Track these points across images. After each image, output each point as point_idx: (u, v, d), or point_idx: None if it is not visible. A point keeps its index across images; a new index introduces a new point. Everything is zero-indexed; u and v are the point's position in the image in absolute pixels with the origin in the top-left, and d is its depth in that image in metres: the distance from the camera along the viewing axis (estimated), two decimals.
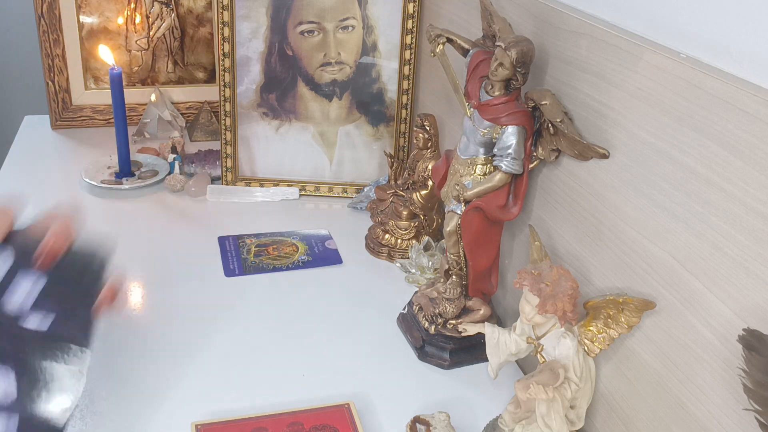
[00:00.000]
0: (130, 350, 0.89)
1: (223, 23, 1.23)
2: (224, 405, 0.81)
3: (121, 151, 1.30)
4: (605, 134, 0.72)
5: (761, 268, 0.54)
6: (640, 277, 0.69)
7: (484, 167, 0.83)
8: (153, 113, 1.49)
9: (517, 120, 0.79)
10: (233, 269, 1.07)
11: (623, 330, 0.69)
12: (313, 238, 1.17)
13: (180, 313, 0.97)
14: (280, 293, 1.03)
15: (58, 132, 1.52)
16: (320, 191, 1.31)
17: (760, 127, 0.53)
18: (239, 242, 1.14)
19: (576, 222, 0.79)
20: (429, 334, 0.91)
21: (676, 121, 0.62)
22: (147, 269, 1.07)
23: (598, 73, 0.73)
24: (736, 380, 0.55)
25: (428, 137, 1.08)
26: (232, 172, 1.31)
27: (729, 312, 0.57)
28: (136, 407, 0.80)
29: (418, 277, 1.06)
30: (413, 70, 1.26)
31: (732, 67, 0.58)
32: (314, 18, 1.24)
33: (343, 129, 1.31)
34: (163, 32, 1.52)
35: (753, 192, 0.54)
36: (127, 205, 1.25)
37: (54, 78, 1.47)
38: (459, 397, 0.85)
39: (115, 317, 0.84)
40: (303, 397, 0.83)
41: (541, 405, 0.69)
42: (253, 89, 1.28)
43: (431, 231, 1.13)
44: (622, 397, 0.72)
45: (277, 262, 1.10)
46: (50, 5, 1.42)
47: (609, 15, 0.74)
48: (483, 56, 0.82)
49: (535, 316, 0.71)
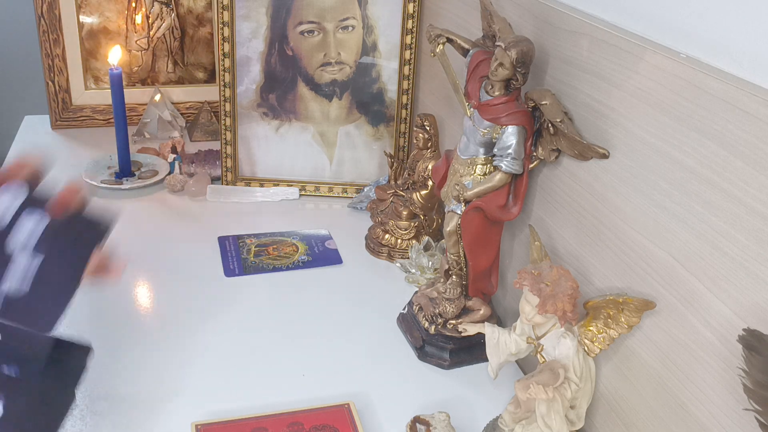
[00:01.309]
0: (130, 350, 0.89)
1: (223, 23, 1.23)
2: (224, 405, 0.81)
3: (121, 151, 1.29)
4: (605, 134, 0.72)
5: (761, 268, 0.54)
6: (640, 277, 0.69)
7: (484, 167, 0.83)
8: (153, 113, 1.49)
9: (517, 120, 0.79)
10: (233, 269, 1.07)
11: (623, 330, 0.69)
12: (313, 238, 1.17)
13: (180, 313, 0.97)
14: (280, 293, 1.03)
15: (58, 132, 1.52)
16: (320, 191, 1.31)
17: (760, 127, 0.53)
18: (239, 242, 1.14)
19: (576, 222, 0.79)
20: (429, 334, 0.91)
21: (676, 121, 0.62)
22: (147, 269, 1.07)
23: (598, 73, 0.73)
24: (736, 380, 0.55)
25: (428, 137, 1.08)
26: (232, 172, 1.31)
27: (729, 312, 0.57)
28: (136, 407, 0.80)
29: (418, 277, 1.06)
30: (413, 70, 1.26)
31: (732, 67, 0.58)
32: (314, 18, 1.24)
33: (343, 129, 1.31)
34: (163, 32, 1.52)
35: (753, 192, 0.54)
36: (127, 205, 1.25)
37: (54, 78, 1.47)
38: (459, 397, 0.85)
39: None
40: (303, 397, 0.83)
41: (541, 405, 0.69)
42: (253, 89, 1.28)
43: (431, 231, 1.13)
44: (622, 397, 0.72)
45: (277, 262, 1.10)
46: (50, 5, 1.42)
47: (609, 15, 0.74)
48: (483, 56, 0.82)
49: (535, 316, 0.71)
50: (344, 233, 1.19)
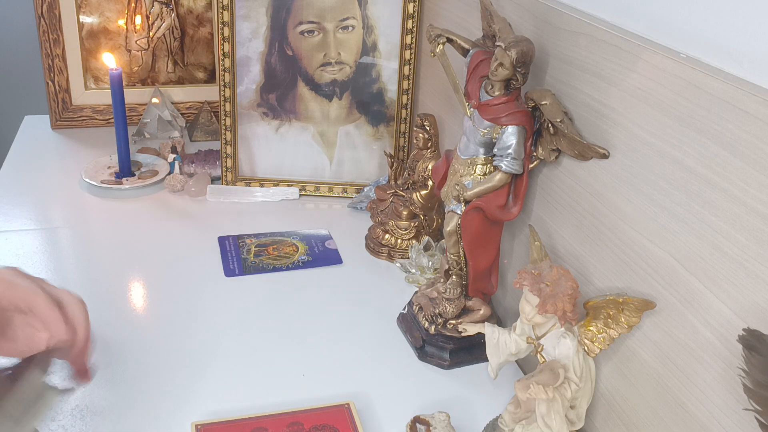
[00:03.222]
0: (130, 350, 0.89)
1: (223, 23, 1.23)
2: (224, 405, 0.81)
3: (121, 151, 1.30)
4: (605, 134, 0.72)
5: (761, 268, 0.54)
6: (640, 277, 0.69)
7: (484, 167, 0.83)
8: (153, 113, 1.49)
9: (517, 120, 0.79)
10: (233, 269, 1.07)
11: (623, 330, 0.69)
12: (313, 238, 1.17)
13: (180, 313, 0.97)
14: (280, 293, 1.03)
15: (58, 132, 1.52)
16: (320, 191, 1.31)
17: (760, 127, 0.53)
18: (239, 242, 1.14)
19: (576, 222, 0.79)
20: (429, 334, 0.91)
21: (676, 121, 0.62)
22: (147, 269, 1.07)
23: (598, 73, 0.73)
24: (736, 380, 0.55)
25: (428, 137, 1.08)
26: (232, 172, 1.31)
27: (729, 312, 0.57)
28: (136, 407, 0.80)
29: (418, 277, 1.06)
30: (413, 70, 1.26)
31: (732, 67, 0.58)
32: (314, 18, 1.24)
33: (343, 129, 1.31)
34: (163, 32, 1.52)
35: (753, 192, 0.54)
36: (127, 205, 1.25)
37: (54, 78, 1.47)
38: (459, 397, 0.85)
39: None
40: (303, 397, 0.83)
41: (541, 405, 0.69)
42: (253, 89, 1.28)
43: (431, 231, 1.13)
44: (622, 397, 0.72)
45: (277, 262, 1.10)
46: (50, 5, 1.42)
47: (609, 15, 0.74)
48: (483, 56, 0.82)
49: (535, 316, 0.71)
50: (344, 233, 1.19)
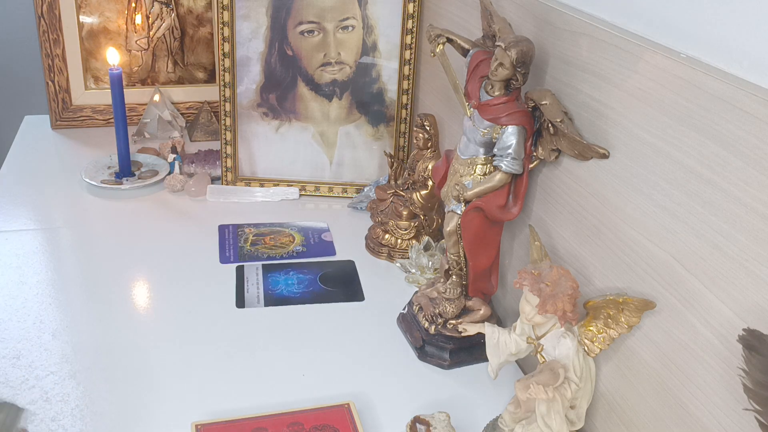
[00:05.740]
0: (130, 350, 0.89)
1: (223, 23, 1.23)
2: (224, 405, 0.81)
3: (121, 151, 1.30)
4: (605, 134, 0.72)
5: (761, 268, 0.54)
6: (640, 277, 0.69)
7: (484, 167, 0.83)
8: (153, 113, 1.49)
9: (517, 120, 0.79)
10: (228, 256, 1.10)
11: (623, 330, 0.69)
12: (311, 230, 1.18)
13: (179, 312, 0.97)
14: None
15: (58, 132, 1.52)
16: (320, 191, 1.31)
17: (760, 127, 0.53)
18: (238, 231, 1.17)
19: (576, 222, 0.79)
20: (429, 334, 0.91)
21: (676, 121, 0.62)
22: (147, 269, 1.07)
23: (598, 73, 0.73)
24: (736, 380, 0.55)
25: (428, 137, 1.08)
26: (232, 172, 1.31)
27: (729, 312, 0.57)
28: (136, 407, 0.80)
29: (418, 277, 1.06)
30: (413, 70, 1.26)
31: (732, 67, 0.58)
32: (314, 18, 1.24)
33: (343, 129, 1.31)
34: (163, 32, 1.52)
35: (753, 192, 0.54)
36: (127, 205, 1.25)
37: (54, 78, 1.47)
38: (459, 397, 0.85)
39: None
40: (303, 397, 0.83)
41: (541, 405, 0.69)
42: (253, 89, 1.28)
43: (431, 231, 1.13)
44: (622, 397, 0.72)
45: (272, 251, 1.12)
46: (50, 5, 1.42)
47: (609, 15, 0.74)
48: (483, 56, 0.82)
49: (535, 316, 0.71)
50: (344, 233, 1.19)
